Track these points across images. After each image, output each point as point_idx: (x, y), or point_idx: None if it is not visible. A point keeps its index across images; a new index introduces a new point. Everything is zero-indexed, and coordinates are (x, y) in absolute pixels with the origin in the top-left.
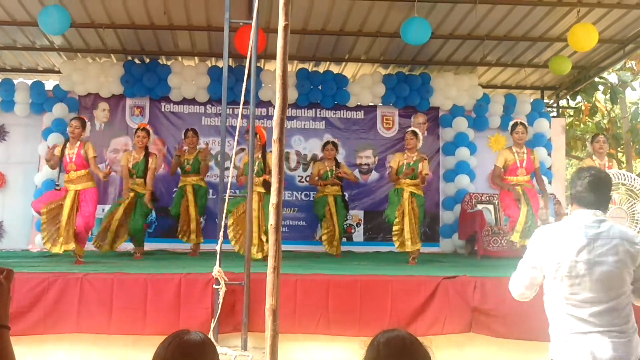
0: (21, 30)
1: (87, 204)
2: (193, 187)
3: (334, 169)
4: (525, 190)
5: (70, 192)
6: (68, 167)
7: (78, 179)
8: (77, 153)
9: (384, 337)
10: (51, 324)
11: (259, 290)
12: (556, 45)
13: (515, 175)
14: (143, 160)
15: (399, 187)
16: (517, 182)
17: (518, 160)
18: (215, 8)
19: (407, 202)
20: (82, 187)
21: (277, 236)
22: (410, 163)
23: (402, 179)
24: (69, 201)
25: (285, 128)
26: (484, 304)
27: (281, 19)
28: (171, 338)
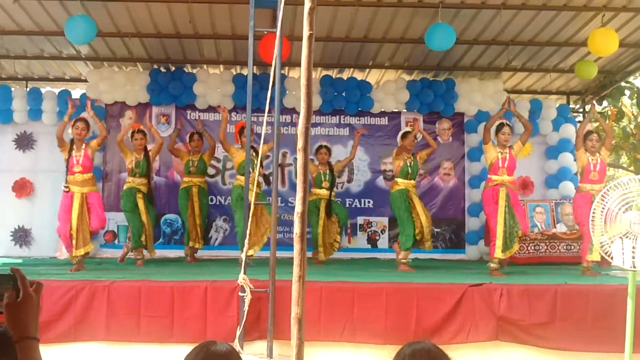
0: (48, 40)
1: (98, 206)
2: (198, 189)
3: (327, 172)
4: (509, 192)
5: (77, 195)
6: (74, 169)
7: (84, 182)
8: (84, 155)
9: (410, 349)
10: (80, 332)
11: (285, 298)
12: (582, 50)
13: (497, 174)
14: (144, 160)
15: (402, 188)
16: (502, 182)
17: (500, 159)
18: (240, 17)
19: (420, 205)
20: (88, 191)
21: (302, 245)
22: (411, 163)
23: None
24: (77, 204)
25: (310, 136)
26: (510, 311)
27: (305, 29)
28: (198, 349)
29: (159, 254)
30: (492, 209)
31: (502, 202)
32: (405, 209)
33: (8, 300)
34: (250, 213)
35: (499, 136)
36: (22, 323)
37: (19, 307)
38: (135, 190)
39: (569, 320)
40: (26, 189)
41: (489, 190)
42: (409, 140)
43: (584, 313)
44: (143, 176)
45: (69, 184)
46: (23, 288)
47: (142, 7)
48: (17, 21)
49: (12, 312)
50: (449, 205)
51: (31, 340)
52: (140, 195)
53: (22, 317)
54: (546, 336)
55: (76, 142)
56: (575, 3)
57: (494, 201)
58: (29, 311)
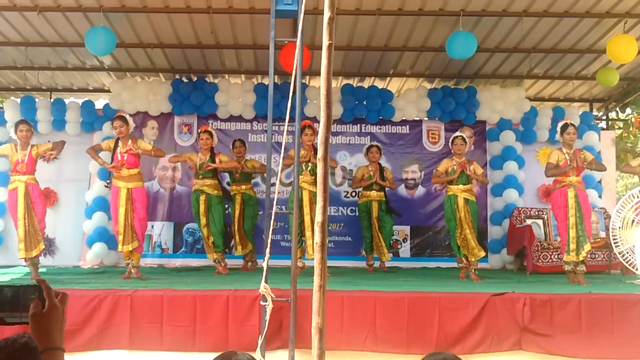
0: (72, 51)
1: (141, 205)
2: (243, 197)
3: (378, 173)
4: (577, 192)
5: (122, 190)
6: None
7: (130, 177)
8: (129, 152)
9: (431, 359)
10: (103, 341)
11: (306, 307)
12: (604, 57)
13: (567, 175)
14: (210, 161)
15: (451, 194)
16: (570, 183)
17: (569, 160)
18: (261, 27)
19: (464, 212)
20: (134, 186)
21: (323, 254)
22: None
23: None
24: (123, 200)
25: (330, 145)
26: (533, 321)
27: (325, 39)
28: (219, 359)
29: (182, 263)
30: (561, 213)
31: (572, 201)
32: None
33: (34, 310)
34: (271, 223)
35: (564, 136)
36: (48, 333)
37: (44, 317)
38: (199, 193)
39: (594, 329)
40: (50, 198)
41: (557, 193)
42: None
43: (609, 322)
44: (206, 177)
45: (115, 179)
46: (49, 299)
47: (164, 18)
48: (41, 33)
49: (38, 322)
50: None
51: (57, 350)
52: (203, 197)
53: (48, 328)
54: (571, 346)
55: (121, 139)
56: (597, 10)
57: (563, 204)
58: (55, 321)
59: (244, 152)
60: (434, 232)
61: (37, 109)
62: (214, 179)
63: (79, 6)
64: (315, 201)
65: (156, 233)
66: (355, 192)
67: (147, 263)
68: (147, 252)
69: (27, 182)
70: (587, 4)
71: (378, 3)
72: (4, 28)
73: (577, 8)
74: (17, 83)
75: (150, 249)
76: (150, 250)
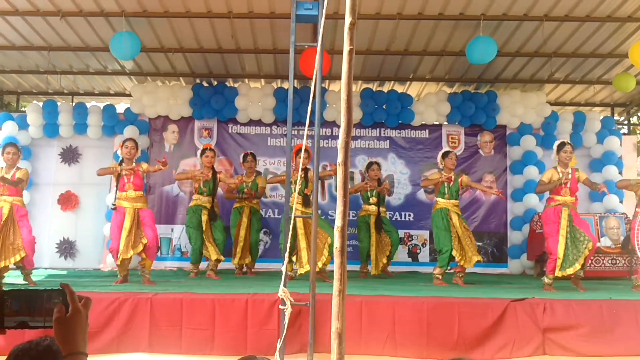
0: (94, 55)
1: (150, 222)
2: (250, 210)
3: (375, 189)
4: (571, 212)
5: (129, 210)
6: (125, 187)
7: (136, 198)
8: (135, 173)
9: None
10: (123, 344)
11: (325, 311)
12: (626, 61)
13: (560, 194)
14: (212, 179)
15: (442, 208)
16: (564, 202)
17: (563, 180)
18: (281, 32)
19: (459, 226)
20: (141, 207)
21: (342, 259)
22: (451, 184)
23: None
24: (129, 219)
25: (350, 150)
26: (554, 325)
27: (346, 44)
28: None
29: (201, 267)
30: (552, 228)
31: (564, 221)
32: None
33: (58, 315)
34: (290, 227)
35: (560, 154)
36: (71, 338)
37: (68, 322)
38: (202, 208)
39: (618, 329)
40: (71, 201)
41: (550, 210)
42: (451, 160)
43: (633, 323)
44: (209, 195)
45: (119, 200)
46: (72, 303)
47: (185, 23)
48: (63, 37)
49: (61, 326)
50: (491, 219)
51: (80, 355)
52: (204, 212)
53: (71, 332)
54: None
55: (126, 161)
56: (619, 14)
57: (554, 220)
58: (78, 326)
59: (254, 166)
60: None
61: (59, 112)
62: (213, 196)
63: (101, 11)
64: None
65: (176, 236)
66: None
67: (167, 266)
68: (166, 256)
69: (13, 202)
70: (609, 8)
71: (398, 7)
72: (27, 33)
73: (598, 12)
74: (40, 87)
75: (169, 252)
76: (170, 254)
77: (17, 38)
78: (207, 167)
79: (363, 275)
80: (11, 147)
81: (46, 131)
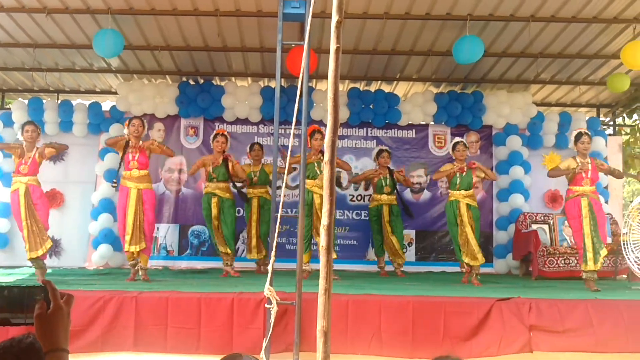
0: (80, 52)
1: (150, 207)
2: (259, 200)
3: (388, 177)
4: (591, 201)
5: (132, 191)
6: (130, 166)
7: (140, 177)
8: (141, 152)
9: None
10: (107, 343)
11: (311, 310)
12: (612, 62)
13: (581, 185)
14: (223, 165)
15: (453, 199)
16: (583, 192)
17: (583, 170)
18: (268, 30)
19: (467, 217)
20: (144, 187)
21: (329, 257)
22: (463, 174)
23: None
24: (133, 200)
25: (336, 149)
26: (540, 322)
27: (332, 42)
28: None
29: (187, 265)
30: (576, 223)
31: (586, 210)
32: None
33: (39, 311)
34: (277, 224)
35: (579, 145)
36: (53, 334)
37: (49, 318)
38: (211, 196)
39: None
40: (56, 199)
41: (570, 202)
42: (459, 151)
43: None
44: (220, 181)
45: (124, 180)
46: (54, 300)
47: (171, 20)
48: (49, 34)
49: (42, 323)
50: None
51: (61, 351)
52: (215, 200)
53: (53, 329)
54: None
55: (132, 140)
56: (605, 15)
57: (577, 214)
58: (60, 323)
59: (261, 155)
60: (439, 237)
61: (44, 110)
62: (227, 182)
63: (87, 8)
64: None
65: (161, 235)
66: (362, 196)
67: (153, 265)
68: (152, 254)
69: (28, 183)
70: (595, 9)
71: (385, 7)
72: (12, 29)
73: (585, 13)
74: (25, 84)
75: (155, 251)
76: (156, 252)
77: (2, 35)
78: (218, 152)
79: (384, 274)
80: (29, 125)
81: None
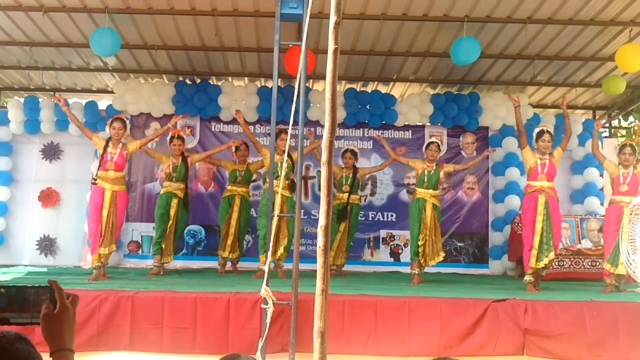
0: (76, 51)
1: (121, 210)
2: (241, 199)
3: (350, 176)
4: (548, 199)
5: (107, 192)
6: (107, 166)
7: (116, 179)
8: (120, 154)
9: None
10: (103, 342)
11: (307, 310)
12: (608, 64)
13: (536, 180)
14: (182, 165)
15: (420, 197)
16: (541, 187)
17: (540, 164)
18: (266, 30)
19: (430, 217)
20: (119, 189)
21: (326, 258)
22: (431, 172)
23: None
24: (107, 202)
25: (334, 150)
26: (535, 326)
27: (330, 43)
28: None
29: (183, 265)
30: (528, 218)
31: (541, 207)
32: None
33: (46, 311)
34: (273, 224)
35: (539, 143)
36: (59, 334)
37: (56, 318)
38: (172, 195)
39: (598, 333)
40: (52, 198)
41: (528, 198)
42: (430, 151)
43: (613, 326)
44: (180, 180)
45: (98, 178)
46: (60, 300)
47: (168, 19)
48: (45, 33)
49: (49, 323)
50: (473, 220)
51: (66, 351)
52: (175, 200)
53: (59, 329)
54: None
55: (113, 140)
56: (601, 18)
57: (532, 209)
58: (66, 323)
59: (247, 155)
60: None
61: (40, 109)
62: (184, 182)
63: (84, 7)
64: (290, 206)
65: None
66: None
67: (148, 265)
68: (148, 254)
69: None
70: (592, 11)
71: (383, 8)
72: (8, 28)
73: (581, 15)
74: (21, 83)
75: (151, 251)
76: (152, 252)
77: None
78: (175, 154)
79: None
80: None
81: (27, 127)
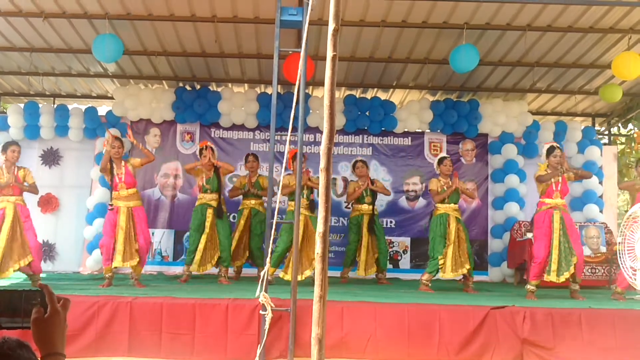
0: (76, 57)
1: (143, 223)
2: (250, 211)
3: (370, 187)
4: (563, 215)
5: (122, 209)
6: (119, 187)
7: (129, 196)
8: (126, 172)
9: None
10: (101, 347)
11: (306, 317)
12: (608, 72)
13: (551, 197)
14: (214, 176)
15: (442, 213)
16: (555, 205)
17: (554, 182)
18: (265, 37)
19: (454, 232)
20: (134, 205)
21: (324, 265)
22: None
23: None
24: (123, 218)
25: (332, 156)
26: (534, 334)
27: (329, 50)
28: None
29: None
30: (543, 232)
31: (557, 224)
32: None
33: (36, 315)
34: (272, 232)
35: (551, 159)
36: (49, 339)
37: (46, 322)
38: (207, 206)
39: (596, 342)
40: (51, 204)
41: (542, 214)
42: (446, 166)
43: (611, 334)
44: (214, 192)
45: (114, 200)
46: (51, 304)
47: (168, 26)
48: (46, 39)
49: (39, 327)
50: (472, 227)
51: (58, 355)
52: (210, 211)
53: (50, 333)
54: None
55: (115, 160)
56: (601, 25)
57: (547, 224)
58: (56, 327)
59: (256, 166)
60: None
61: (40, 114)
62: (218, 192)
63: (85, 13)
64: (314, 225)
65: (156, 240)
66: None
67: (147, 270)
68: (149, 259)
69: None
70: (591, 19)
71: (382, 15)
72: (9, 33)
73: (581, 23)
74: (21, 88)
75: (150, 257)
76: (151, 258)
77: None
78: (207, 166)
79: (344, 281)
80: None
81: (27, 133)
